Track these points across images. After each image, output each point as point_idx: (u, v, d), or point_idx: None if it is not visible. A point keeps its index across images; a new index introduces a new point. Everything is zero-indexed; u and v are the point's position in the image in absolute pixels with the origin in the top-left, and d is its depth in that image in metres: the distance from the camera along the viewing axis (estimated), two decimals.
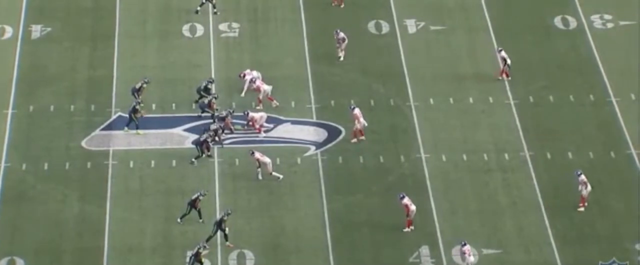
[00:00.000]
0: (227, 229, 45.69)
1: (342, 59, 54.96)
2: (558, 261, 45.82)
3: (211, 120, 51.20)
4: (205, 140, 49.83)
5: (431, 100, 52.91)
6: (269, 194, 48.67)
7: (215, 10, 57.07)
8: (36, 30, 56.72)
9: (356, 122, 50.16)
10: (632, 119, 51.82)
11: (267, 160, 48.53)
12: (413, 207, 46.19)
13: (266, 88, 52.04)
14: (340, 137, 51.25)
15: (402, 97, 53.13)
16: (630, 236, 46.50)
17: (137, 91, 51.86)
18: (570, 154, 50.19)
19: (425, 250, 46.18)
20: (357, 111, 50.13)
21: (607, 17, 57.15)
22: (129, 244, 46.51)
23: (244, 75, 52.68)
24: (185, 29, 56.98)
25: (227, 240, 45.79)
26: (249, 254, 46.03)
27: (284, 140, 51.31)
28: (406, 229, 46.38)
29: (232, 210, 46.12)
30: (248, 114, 50.94)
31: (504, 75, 53.44)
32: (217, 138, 50.20)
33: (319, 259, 45.97)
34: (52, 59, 55.04)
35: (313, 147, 50.83)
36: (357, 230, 46.96)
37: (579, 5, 57.68)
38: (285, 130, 51.75)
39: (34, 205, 48.04)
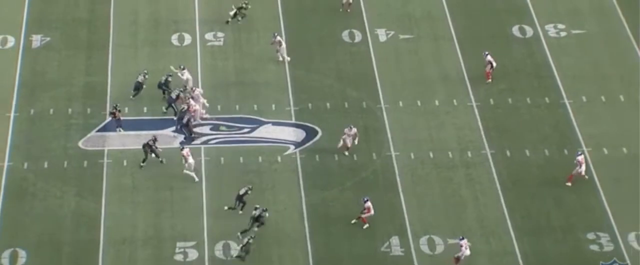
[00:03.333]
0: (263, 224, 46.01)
1: (281, 59, 54.79)
2: (516, 249, 46.00)
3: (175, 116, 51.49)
4: (188, 121, 50.16)
5: (400, 103, 52.93)
6: (253, 190, 48.31)
7: (239, 21, 56.71)
8: (36, 40, 56.52)
9: (348, 138, 49.90)
10: (584, 119, 51.97)
11: (191, 161, 48.33)
12: (372, 211, 46.28)
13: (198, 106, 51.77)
14: (317, 137, 51.25)
15: (373, 100, 53.12)
16: (582, 227, 46.79)
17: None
18: (527, 152, 50.32)
19: (395, 240, 46.32)
20: (354, 130, 49.87)
21: (561, 26, 57.24)
22: (122, 236, 46.53)
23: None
24: (174, 38, 56.84)
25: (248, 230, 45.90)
26: (233, 245, 46.04)
27: (265, 140, 51.25)
28: (365, 226, 46.42)
29: (267, 209, 46.27)
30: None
31: (489, 76, 53.40)
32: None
33: (298, 249, 46.04)
34: (51, 66, 54.85)
35: (292, 147, 50.85)
36: (332, 222, 47.02)
37: (535, 16, 57.71)
38: (267, 131, 51.69)
39: (34, 201, 48.00)
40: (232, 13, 56.87)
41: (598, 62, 55.15)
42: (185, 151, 48.72)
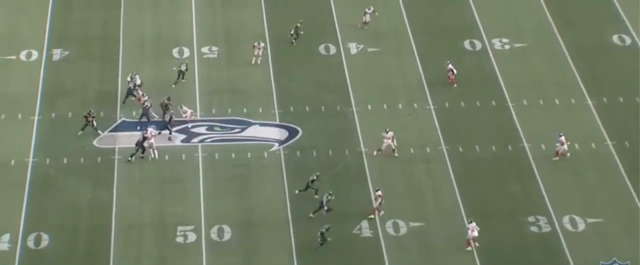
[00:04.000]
0: (327, 207, 46.09)
1: (254, 62, 55.19)
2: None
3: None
4: (170, 119, 50.48)
5: (369, 106, 53.05)
6: (242, 182, 48.75)
7: (294, 38, 56.78)
8: (56, 54, 56.49)
9: (387, 141, 49.49)
10: (524, 119, 52.16)
11: (152, 141, 49.00)
12: (380, 200, 46.35)
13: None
14: (298, 136, 51.28)
15: (346, 104, 53.24)
16: (524, 211, 47.01)
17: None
18: (477, 148, 50.49)
19: (364, 223, 46.47)
20: (391, 133, 49.65)
21: (505, 40, 57.35)
22: (131, 221, 46.67)
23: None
24: (175, 51, 56.79)
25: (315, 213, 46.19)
26: (227, 228, 46.18)
27: (253, 139, 51.34)
28: (371, 216, 46.44)
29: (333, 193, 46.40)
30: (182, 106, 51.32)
31: (453, 81, 53.43)
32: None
33: (282, 232, 46.16)
34: (69, 76, 54.90)
35: (277, 144, 50.94)
36: (311, 209, 46.92)
37: (483, 32, 57.84)
38: (255, 131, 51.75)
39: (55, 192, 48.12)
40: (292, 32, 56.65)
41: (536, 71, 55.37)
42: (149, 132, 48.87)
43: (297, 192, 47.33)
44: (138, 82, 52.66)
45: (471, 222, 44.83)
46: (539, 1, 60.12)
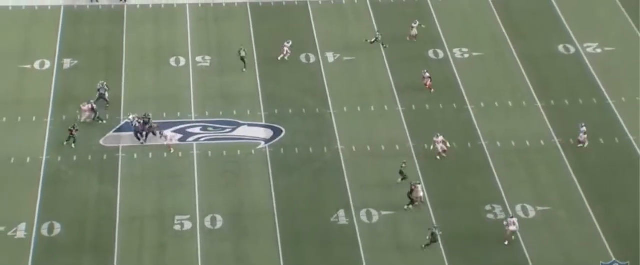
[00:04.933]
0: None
1: (280, 58, 55.48)
2: (433, 217, 46.20)
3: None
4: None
5: (345, 109, 52.94)
6: (233, 176, 48.65)
7: (385, 45, 56.55)
8: (67, 63, 56.21)
9: (439, 144, 49.09)
10: (482, 120, 52.12)
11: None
12: (420, 194, 46.13)
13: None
14: (282, 135, 51.10)
15: (324, 106, 53.13)
16: (482, 201, 47.07)
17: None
18: (454, 145, 50.15)
19: (341, 212, 46.47)
20: (441, 137, 49.32)
21: (464, 50, 57.27)
22: (133, 213, 46.56)
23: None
24: (172, 61, 56.61)
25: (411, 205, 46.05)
26: (219, 218, 46.15)
27: (242, 138, 51.19)
28: (409, 206, 46.16)
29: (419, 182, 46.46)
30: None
31: (430, 87, 53.24)
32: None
33: (268, 221, 46.10)
34: (78, 83, 54.61)
35: (263, 142, 50.81)
36: (295, 201, 47.08)
37: (445, 42, 57.78)
38: (243, 131, 51.57)
39: (66, 186, 47.95)
40: (372, 40, 56.56)
41: (492, 77, 55.37)
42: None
43: (399, 181, 47.16)
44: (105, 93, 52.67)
45: (512, 216, 44.52)
46: (494, 15, 60.16)
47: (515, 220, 44.43)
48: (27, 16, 59.99)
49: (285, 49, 55.97)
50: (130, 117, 50.79)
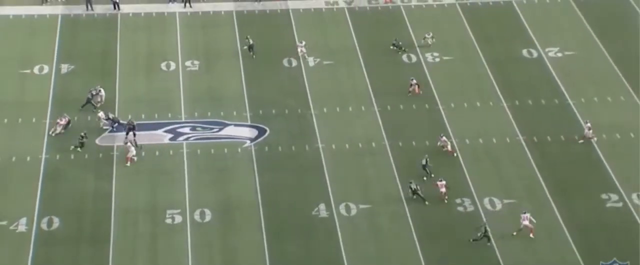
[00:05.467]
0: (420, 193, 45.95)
1: (304, 58, 55.88)
2: (407, 211, 46.06)
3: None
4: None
5: (325, 109, 52.79)
6: (220, 172, 48.46)
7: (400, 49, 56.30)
8: (64, 68, 55.89)
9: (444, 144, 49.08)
10: (452, 119, 52.07)
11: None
12: (443, 190, 45.94)
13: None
14: (266, 134, 50.94)
15: (306, 107, 52.97)
16: (453, 195, 46.82)
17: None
18: (413, 142, 50.41)
19: (322, 206, 46.37)
20: (444, 138, 49.22)
21: (436, 54, 57.21)
22: (127, 207, 46.35)
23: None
24: (163, 65, 56.38)
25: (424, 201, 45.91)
26: (207, 211, 45.98)
27: (229, 137, 51.00)
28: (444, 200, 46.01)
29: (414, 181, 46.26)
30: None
31: (419, 91, 53.02)
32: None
33: (253, 215, 45.95)
34: (75, 87, 54.27)
35: (248, 141, 50.64)
36: (278, 196, 46.95)
37: (418, 47, 57.74)
38: (230, 130, 51.37)
39: (65, 182, 47.67)
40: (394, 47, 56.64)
41: (461, 79, 55.31)
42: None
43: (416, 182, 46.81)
44: (103, 94, 52.26)
45: (525, 212, 44.29)
46: (463, 22, 60.26)
47: (528, 215, 44.10)
48: (27, 24, 59.70)
49: (300, 48, 56.13)
50: (100, 114, 50.50)
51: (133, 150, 48.27)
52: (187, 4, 61.40)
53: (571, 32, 59.17)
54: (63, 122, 50.18)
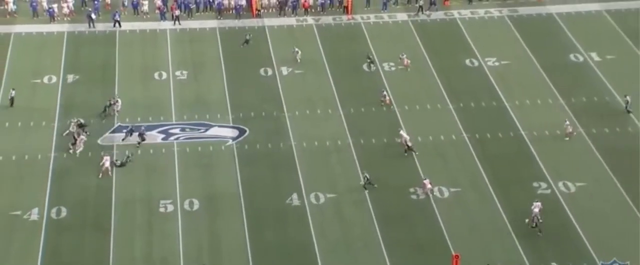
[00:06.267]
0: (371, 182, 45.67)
1: (298, 61, 55.89)
2: (368, 198, 46.36)
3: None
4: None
5: (296, 112, 52.85)
6: (206, 167, 48.41)
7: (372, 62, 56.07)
8: (70, 78, 55.70)
9: (403, 139, 49.01)
10: (406, 119, 52.20)
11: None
12: (429, 186, 45.62)
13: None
14: (246, 134, 50.88)
15: (280, 110, 52.99)
16: (406, 183, 47.11)
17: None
18: (373, 140, 50.55)
19: (294, 195, 46.43)
20: (403, 132, 49.29)
21: (392, 64, 57.04)
22: (126, 197, 46.29)
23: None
24: (156, 75, 56.30)
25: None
26: (195, 201, 46.04)
27: (214, 137, 50.97)
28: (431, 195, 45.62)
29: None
30: None
31: (389, 102, 53.00)
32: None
33: (235, 203, 45.95)
34: (80, 95, 54.13)
35: (231, 140, 50.63)
36: (256, 187, 46.99)
37: (376, 57, 57.74)
38: (215, 131, 51.32)
39: (71, 177, 47.53)
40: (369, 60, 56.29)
41: (414, 86, 55.55)
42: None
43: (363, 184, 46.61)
44: (119, 103, 52.11)
45: (537, 201, 44.04)
46: (415, 37, 60.60)
47: (539, 204, 43.86)
48: (37, 40, 59.49)
49: (296, 54, 56.13)
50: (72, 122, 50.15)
51: (107, 164, 47.40)
52: (177, 22, 61.43)
53: (507, 45, 59.62)
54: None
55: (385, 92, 53.41)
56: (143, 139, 49.47)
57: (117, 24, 60.37)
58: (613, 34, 60.44)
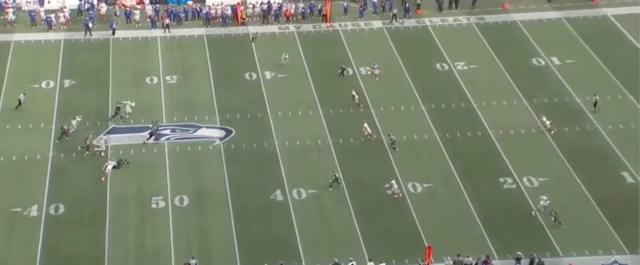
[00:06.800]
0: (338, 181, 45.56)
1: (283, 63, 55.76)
2: (347, 194, 46.10)
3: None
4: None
5: (279, 114, 52.57)
6: (194, 166, 48.07)
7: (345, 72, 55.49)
8: (67, 83, 55.17)
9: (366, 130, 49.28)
10: (381, 120, 51.91)
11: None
12: (395, 187, 45.26)
13: None
14: (232, 134, 50.55)
15: (264, 112, 52.69)
16: (382, 180, 46.65)
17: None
18: (351, 140, 50.34)
19: (278, 191, 46.18)
20: (366, 125, 49.24)
21: (367, 68, 56.94)
22: (120, 194, 45.89)
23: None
24: (148, 79, 55.88)
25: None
26: (185, 197, 45.75)
27: (202, 137, 50.61)
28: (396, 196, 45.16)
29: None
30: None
31: (359, 104, 52.67)
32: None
33: (222, 199, 45.69)
34: (76, 98, 53.61)
35: (218, 140, 50.34)
36: (242, 183, 46.68)
37: (354, 63, 57.68)
38: (203, 132, 50.97)
39: (68, 175, 47.10)
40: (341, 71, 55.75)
41: (389, 89, 55.33)
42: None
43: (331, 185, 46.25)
44: (132, 105, 51.71)
45: (545, 193, 43.91)
46: (389, 43, 60.51)
47: (544, 197, 43.70)
48: (35, 47, 58.88)
49: (284, 59, 56.02)
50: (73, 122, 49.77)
51: (110, 167, 46.92)
52: (167, 30, 61.00)
53: (474, 50, 59.68)
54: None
55: (354, 92, 53.13)
56: (155, 138, 49.19)
57: (114, 32, 59.99)
58: (572, 39, 60.64)
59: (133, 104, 51.53)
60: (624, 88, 54.59)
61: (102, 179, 46.43)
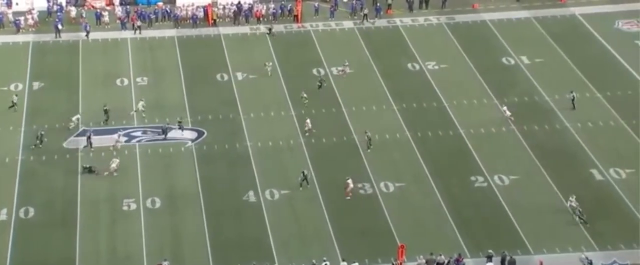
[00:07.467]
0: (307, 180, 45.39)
1: (269, 70, 55.44)
2: (319, 194, 46.13)
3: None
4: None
5: (251, 115, 52.44)
6: (167, 168, 47.88)
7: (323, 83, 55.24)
8: (36, 85, 54.73)
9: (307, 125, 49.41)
10: (354, 119, 52.02)
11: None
12: (352, 186, 45.20)
13: None
14: (204, 136, 50.41)
15: (236, 113, 52.51)
16: (356, 180, 46.50)
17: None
18: (324, 139, 50.39)
19: (251, 192, 46.03)
20: (308, 120, 49.39)
21: (340, 68, 57.01)
22: (92, 197, 45.50)
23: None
24: (118, 81, 55.58)
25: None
26: (157, 199, 45.50)
27: (175, 139, 50.40)
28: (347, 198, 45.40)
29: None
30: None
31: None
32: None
33: (195, 201, 45.49)
34: (46, 100, 53.19)
35: (190, 142, 50.17)
36: (215, 185, 46.49)
37: (325, 63, 57.66)
38: (175, 133, 50.67)
39: (38, 179, 46.71)
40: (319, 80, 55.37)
41: (360, 88, 55.41)
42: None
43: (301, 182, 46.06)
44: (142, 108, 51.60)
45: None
46: (361, 44, 60.67)
47: (573, 198, 43.49)
48: (3, 50, 58.30)
49: (268, 68, 55.76)
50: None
51: (114, 165, 46.66)
52: (137, 31, 60.65)
53: (445, 50, 60.02)
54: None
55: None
56: (165, 136, 49.32)
57: (88, 34, 59.58)
58: (541, 38, 61.23)
59: (143, 102, 51.17)
60: (592, 86, 55.24)
61: (105, 173, 46.18)
